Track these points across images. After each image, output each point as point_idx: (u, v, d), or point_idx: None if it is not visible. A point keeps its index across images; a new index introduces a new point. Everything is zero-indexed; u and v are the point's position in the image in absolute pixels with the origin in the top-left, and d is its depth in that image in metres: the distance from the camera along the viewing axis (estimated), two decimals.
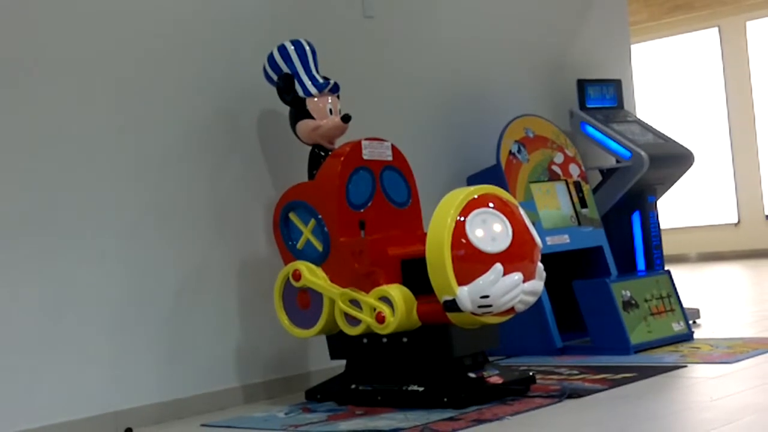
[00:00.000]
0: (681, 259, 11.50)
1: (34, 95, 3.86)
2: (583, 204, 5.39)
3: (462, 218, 3.64)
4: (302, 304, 4.11)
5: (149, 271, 4.14)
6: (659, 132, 5.95)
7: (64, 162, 3.92)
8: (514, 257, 3.64)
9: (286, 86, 4.27)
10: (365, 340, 4.01)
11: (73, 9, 4.00)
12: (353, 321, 3.96)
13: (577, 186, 5.41)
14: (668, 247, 6.46)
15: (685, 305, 5.31)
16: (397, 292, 3.84)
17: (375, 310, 3.86)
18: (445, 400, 3.77)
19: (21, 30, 3.84)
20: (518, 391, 3.94)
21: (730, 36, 12.03)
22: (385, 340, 3.94)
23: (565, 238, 5.21)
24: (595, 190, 5.64)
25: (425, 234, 3.74)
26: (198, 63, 4.38)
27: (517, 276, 3.62)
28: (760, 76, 11.87)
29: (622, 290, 4.95)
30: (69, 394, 3.84)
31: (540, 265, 3.78)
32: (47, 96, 3.90)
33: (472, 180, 5.18)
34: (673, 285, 5.24)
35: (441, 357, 3.88)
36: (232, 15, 4.53)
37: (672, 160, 5.79)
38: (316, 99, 4.25)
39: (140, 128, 4.17)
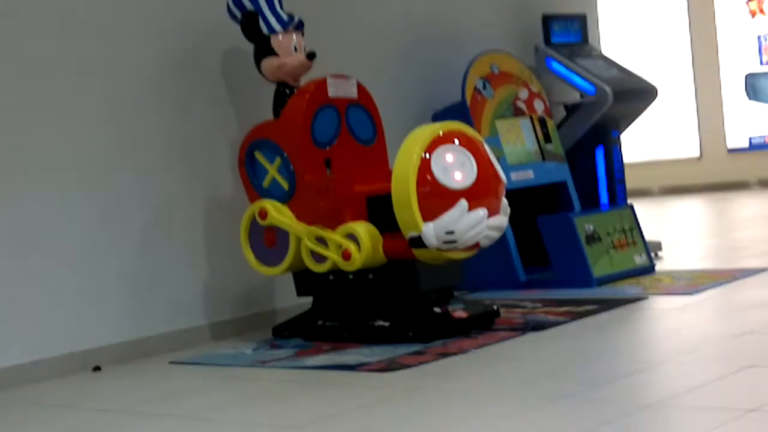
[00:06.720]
0: (644, 193, 11.57)
1: None
2: (548, 139, 5.41)
3: (427, 155, 3.66)
4: (269, 242, 4.12)
5: (115, 209, 4.13)
6: (623, 67, 5.96)
7: (29, 99, 3.89)
8: (479, 193, 3.67)
9: (250, 24, 4.24)
10: (331, 277, 4.03)
11: None
12: (319, 258, 3.98)
13: (542, 121, 5.42)
14: (631, 181, 6.49)
15: (647, 238, 5.37)
16: (362, 229, 3.86)
17: (341, 247, 3.88)
18: (411, 334, 3.82)
19: None
20: (483, 324, 3.99)
21: None
22: (351, 276, 3.97)
23: (529, 174, 5.24)
24: (559, 126, 5.66)
25: (391, 171, 3.75)
26: (162, 1, 4.33)
27: (481, 212, 3.65)
28: (723, 10, 11.86)
29: (585, 224, 5.00)
30: (37, 333, 3.86)
31: (504, 200, 3.81)
32: (11, 32, 3.85)
33: (438, 116, 5.18)
34: (636, 219, 5.29)
35: (407, 292, 3.92)
36: None
37: (635, 94, 5.81)
38: (280, 36, 4.22)
39: (106, 66, 4.13)
